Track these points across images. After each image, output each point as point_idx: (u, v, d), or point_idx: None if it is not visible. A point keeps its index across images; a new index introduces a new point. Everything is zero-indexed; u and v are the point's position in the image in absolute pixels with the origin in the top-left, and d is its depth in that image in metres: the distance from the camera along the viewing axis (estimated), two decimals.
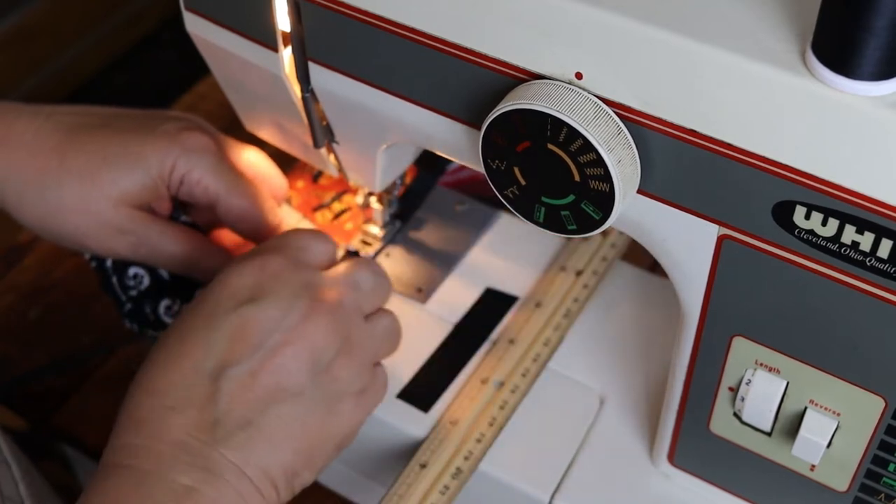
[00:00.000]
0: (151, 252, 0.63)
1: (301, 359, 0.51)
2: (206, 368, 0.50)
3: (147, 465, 0.48)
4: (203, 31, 0.57)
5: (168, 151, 0.61)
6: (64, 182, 0.61)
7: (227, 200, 0.63)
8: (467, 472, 0.56)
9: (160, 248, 0.63)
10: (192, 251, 0.63)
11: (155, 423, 0.49)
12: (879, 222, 0.38)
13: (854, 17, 0.35)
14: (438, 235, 0.70)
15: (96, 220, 0.61)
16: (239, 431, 0.49)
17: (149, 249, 0.63)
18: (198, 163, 0.62)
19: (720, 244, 0.44)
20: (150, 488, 0.47)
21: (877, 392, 0.45)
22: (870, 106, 0.36)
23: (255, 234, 0.65)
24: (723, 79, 0.39)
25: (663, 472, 0.57)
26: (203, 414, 0.49)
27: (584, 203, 0.44)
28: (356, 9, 0.47)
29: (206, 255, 0.64)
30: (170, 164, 0.61)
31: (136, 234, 0.62)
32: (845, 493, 0.50)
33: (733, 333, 0.47)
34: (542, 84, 0.43)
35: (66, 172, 0.61)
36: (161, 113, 0.65)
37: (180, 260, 0.63)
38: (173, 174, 0.62)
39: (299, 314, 0.52)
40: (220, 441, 0.49)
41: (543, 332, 0.62)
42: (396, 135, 0.55)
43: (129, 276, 0.65)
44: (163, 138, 0.62)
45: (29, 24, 1.30)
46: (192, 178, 0.62)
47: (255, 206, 0.64)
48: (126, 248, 0.62)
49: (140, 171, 0.61)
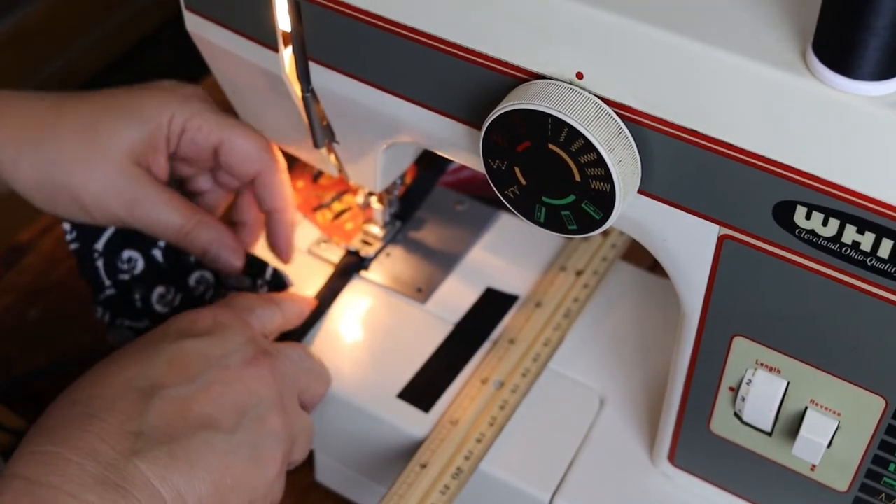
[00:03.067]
0: (147, 216, 0.62)
1: (235, 399, 0.51)
2: (138, 386, 0.49)
3: (48, 477, 0.45)
4: (203, 31, 0.57)
5: (166, 102, 0.62)
6: (61, 137, 0.60)
7: (230, 141, 0.62)
8: (467, 472, 0.56)
9: (156, 212, 0.62)
10: (188, 219, 0.63)
11: (68, 429, 0.47)
12: (880, 222, 0.38)
13: (854, 17, 0.35)
14: (438, 235, 0.70)
15: (94, 175, 0.60)
16: (161, 446, 0.47)
17: (144, 213, 0.62)
18: (198, 110, 0.62)
19: (720, 244, 0.44)
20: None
21: (877, 392, 0.45)
22: (870, 106, 0.36)
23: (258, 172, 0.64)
24: (723, 79, 0.39)
25: (663, 472, 0.57)
26: (126, 424, 0.47)
27: (584, 203, 0.44)
28: (356, 9, 0.47)
29: (202, 225, 0.63)
30: (168, 114, 0.61)
31: (134, 192, 0.61)
32: (845, 493, 0.50)
33: (733, 333, 0.47)
34: (543, 84, 0.43)
35: (62, 127, 0.61)
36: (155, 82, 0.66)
37: (175, 227, 0.62)
38: (172, 124, 0.62)
39: (241, 358, 0.52)
40: (138, 452, 0.46)
41: (543, 332, 0.62)
42: (396, 135, 0.55)
43: (123, 259, 0.64)
44: (160, 91, 0.63)
45: (29, 24, 1.30)
46: (193, 124, 0.62)
47: (258, 141, 0.63)
48: (122, 209, 0.61)
49: (138, 121, 0.61)
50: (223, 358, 0.52)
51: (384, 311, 0.66)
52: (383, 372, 0.62)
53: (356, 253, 0.68)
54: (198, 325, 0.54)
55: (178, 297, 0.65)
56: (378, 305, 0.66)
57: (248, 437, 0.51)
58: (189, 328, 0.53)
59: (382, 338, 0.64)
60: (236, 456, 0.50)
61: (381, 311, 0.66)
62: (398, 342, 0.64)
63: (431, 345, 0.63)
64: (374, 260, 0.68)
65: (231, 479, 0.49)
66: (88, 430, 0.47)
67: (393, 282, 0.67)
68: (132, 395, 0.49)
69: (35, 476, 0.45)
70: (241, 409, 0.51)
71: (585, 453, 0.58)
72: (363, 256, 0.68)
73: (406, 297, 0.66)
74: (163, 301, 0.65)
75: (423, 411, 0.60)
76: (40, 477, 0.45)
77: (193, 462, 0.48)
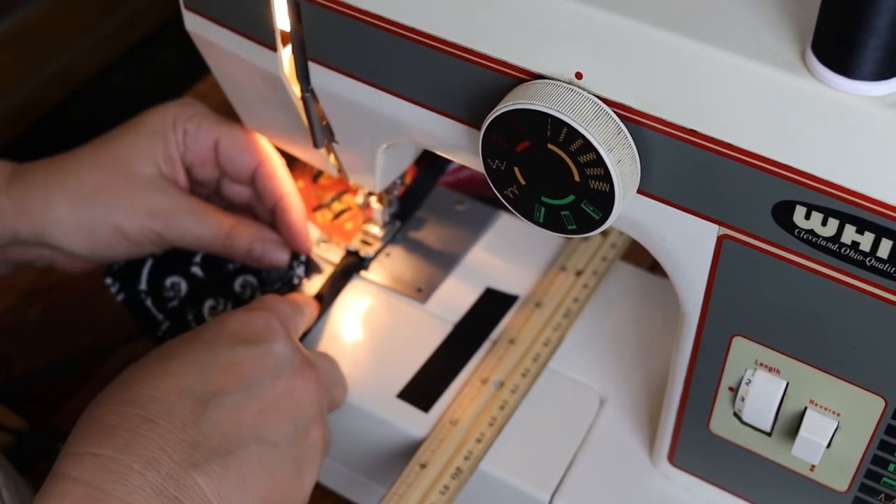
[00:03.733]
0: (185, 227, 0.62)
1: (286, 416, 0.51)
2: (193, 391, 0.48)
3: (112, 486, 0.44)
4: (203, 31, 0.57)
5: (165, 110, 0.64)
6: (81, 169, 0.62)
7: (228, 133, 0.64)
8: (467, 472, 0.56)
9: (193, 222, 0.62)
10: (224, 223, 0.63)
11: (128, 432, 0.46)
12: (879, 222, 0.38)
13: (854, 17, 0.34)
14: (438, 235, 0.70)
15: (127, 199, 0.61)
16: (216, 458, 0.47)
17: (182, 224, 0.62)
18: (194, 111, 0.64)
19: (720, 244, 0.44)
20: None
21: (877, 392, 0.45)
22: (870, 106, 0.36)
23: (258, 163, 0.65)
24: (722, 79, 0.39)
25: (663, 472, 0.57)
26: (183, 433, 0.47)
27: (584, 203, 0.44)
28: (356, 9, 0.47)
29: (239, 226, 0.64)
30: (170, 118, 0.63)
31: (169, 204, 0.62)
32: (845, 493, 0.50)
33: (733, 333, 0.47)
34: (542, 84, 0.43)
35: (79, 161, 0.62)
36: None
37: (213, 233, 0.63)
38: (176, 127, 0.63)
39: (291, 370, 0.52)
40: (195, 465, 0.46)
41: (543, 332, 0.62)
42: (396, 135, 0.55)
43: (167, 287, 0.65)
44: (156, 107, 0.64)
45: (29, 24, 1.30)
46: (193, 124, 0.63)
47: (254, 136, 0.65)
48: (160, 224, 0.62)
49: (149, 135, 0.62)
50: (276, 368, 0.51)
51: (384, 311, 0.66)
52: (383, 372, 0.62)
53: (356, 253, 0.68)
54: (251, 329, 0.53)
55: (228, 305, 0.65)
56: (378, 305, 0.66)
57: (293, 451, 0.51)
58: (242, 331, 0.52)
59: (382, 338, 0.64)
60: (283, 471, 0.50)
61: (381, 311, 0.66)
62: (398, 342, 0.64)
63: (431, 345, 0.63)
64: (374, 260, 0.68)
65: (276, 493, 0.50)
66: (149, 436, 0.46)
67: (393, 282, 0.67)
68: (188, 401, 0.48)
69: (98, 483, 0.44)
70: (289, 422, 0.51)
71: (585, 453, 0.58)
72: (363, 256, 0.68)
73: (406, 297, 0.66)
74: (214, 312, 0.65)
75: (423, 411, 0.60)
76: (104, 485, 0.44)
77: (245, 477, 0.48)
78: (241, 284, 0.66)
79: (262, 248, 0.64)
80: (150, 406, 0.47)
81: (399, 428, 0.60)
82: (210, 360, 0.50)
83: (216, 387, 0.49)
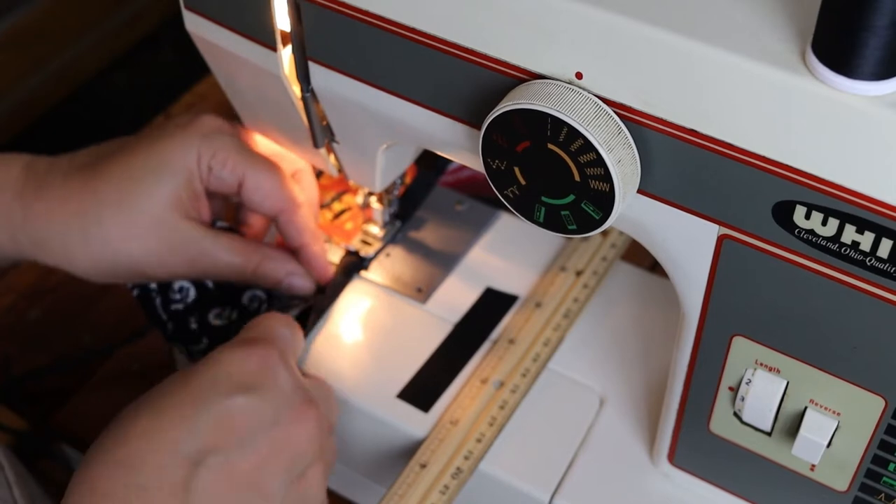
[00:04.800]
0: (211, 266, 0.62)
1: (281, 465, 0.50)
2: (185, 450, 0.47)
3: None
4: (203, 31, 0.57)
5: (188, 144, 0.61)
6: (103, 215, 0.60)
7: (254, 176, 0.62)
8: (467, 472, 0.56)
9: (218, 261, 0.62)
10: (250, 258, 0.63)
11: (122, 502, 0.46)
12: (879, 222, 0.38)
13: (854, 17, 0.34)
14: (438, 235, 0.70)
15: (150, 243, 0.60)
16: None
17: (207, 264, 0.62)
18: (220, 144, 0.61)
19: (720, 244, 0.44)
20: None
21: (877, 392, 0.45)
22: (870, 106, 0.36)
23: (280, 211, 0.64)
24: (723, 79, 0.39)
25: (663, 472, 0.57)
26: (173, 500, 0.46)
27: (584, 203, 0.44)
28: (356, 9, 0.47)
29: (266, 259, 0.63)
30: (194, 155, 0.61)
31: (193, 247, 0.61)
32: (845, 492, 0.50)
33: (733, 333, 0.47)
34: (543, 84, 0.43)
35: (100, 205, 0.60)
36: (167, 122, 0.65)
37: (239, 269, 0.62)
38: (200, 163, 0.61)
39: (291, 412, 0.51)
40: None
41: (543, 332, 0.62)
42: (396, 135, 0.55)
43: (175, 290, 0.65)
44: (178, 134, 0.61)
45: (29, 24, 1.30)
46: (218, 160, 0.61)
47: (280, 180, 0.63)
48: (184, 266, 0.61)
49: (170, 174, 0.60)
50: (274, 414, 0.50)
51: (384, 311, 0.66)
52: (383, 372, 0.62)
53: (356, 253, 0.68)
54: (248, 371, 0.51)
55: (234, 312, 0.65)
56: (378, 305, 0.66)
57: (291, 496, 0.50)
58: (240, 374, 0.51)
59: (382, 338, 0.64)
60: None
61: (381, 311, 0.66)
62: (398, 342, 0.64)
63: (431, 345, 0.63)
64: (374, 260, 0.68)
65: None
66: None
67: (393, 282, 0.67)
68: (178, 463, 0.47)
69: None
70: (285, 472, 0.50)
71: (585, 453, 0.58)
72: (363, 256, 0.68)
73: (406, 297, 0.66)
74: (220, 317, 0.65)
75: (423, 411, 0.60)
76: None
77: None
78: (250, 298, 0.66)
79: (290, 281, 0.64)
80: (143, 469, 0.47)
81: (399, 428, 0.60)
82: (204, 412, 0.49)
83: (210, 444, 0.48)
